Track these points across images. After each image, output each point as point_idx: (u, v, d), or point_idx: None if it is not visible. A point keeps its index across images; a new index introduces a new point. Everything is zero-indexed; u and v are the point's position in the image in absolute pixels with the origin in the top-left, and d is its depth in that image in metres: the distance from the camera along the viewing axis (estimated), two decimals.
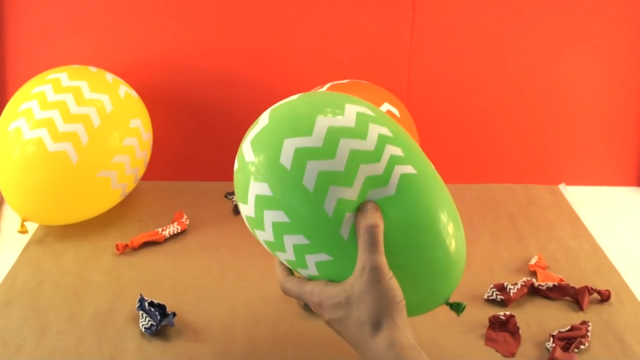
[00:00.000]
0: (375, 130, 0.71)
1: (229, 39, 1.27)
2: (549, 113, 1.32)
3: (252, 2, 1.25)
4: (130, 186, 1.18)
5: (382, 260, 0.68)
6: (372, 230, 0.68)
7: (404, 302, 0.69)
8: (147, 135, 1.19)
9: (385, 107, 1.09)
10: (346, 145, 0.70)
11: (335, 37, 1.27)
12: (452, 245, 0.73)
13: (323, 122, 0.70)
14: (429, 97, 1.31)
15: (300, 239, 0.71)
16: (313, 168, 0.69)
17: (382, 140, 0.71)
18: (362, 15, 1.26)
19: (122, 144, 1.12)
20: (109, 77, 1.17)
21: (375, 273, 0.67)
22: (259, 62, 1.28)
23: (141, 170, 1.20)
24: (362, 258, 0.68)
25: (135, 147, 1.15)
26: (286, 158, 0.70)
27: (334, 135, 0.70)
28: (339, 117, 0.71)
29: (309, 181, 0.69)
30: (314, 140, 0.70)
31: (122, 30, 1.26)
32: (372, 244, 0.68)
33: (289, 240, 0.72)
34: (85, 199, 1.12)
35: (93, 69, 1.17)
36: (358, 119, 0.71)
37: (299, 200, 0.70)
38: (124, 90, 1.17)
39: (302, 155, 0.69)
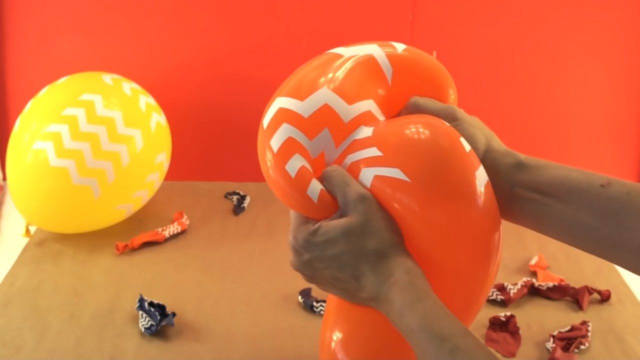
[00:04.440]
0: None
1: (231, 41, 1.27)
2: (549, 113, 1.32)
3: (252, 4, 1.25)
4: (139, 208, 1.17)
5: (366, 190, 0.64)
6: (335, 170, 0.64)
7: (402, 236, 0.64)
8: (167, 165, 1.18)
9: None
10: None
11: (336, 37, 1.27)
12: None
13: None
14: None
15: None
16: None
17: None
18: (362, 15, 1.26)
19: (145, 181, 1.12)
20: (143, 102, 1.12)
21: (370, 202, 0.63)
22: (259, 63, 1.28)
23: (153, 195, 1.19)
24: (345, 194, 0.63)
25: (156, 181, 1.15)
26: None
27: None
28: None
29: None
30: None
31: (126, 32, 1.26)
32: (346, 179, 0.64)
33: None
34: (96, 223, 1.13)
35: (127, 90, 1.12)
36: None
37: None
38: (156, 120, 1.13)
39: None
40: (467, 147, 0.63)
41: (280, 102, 0.66)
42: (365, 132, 0.66)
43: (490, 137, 0.69)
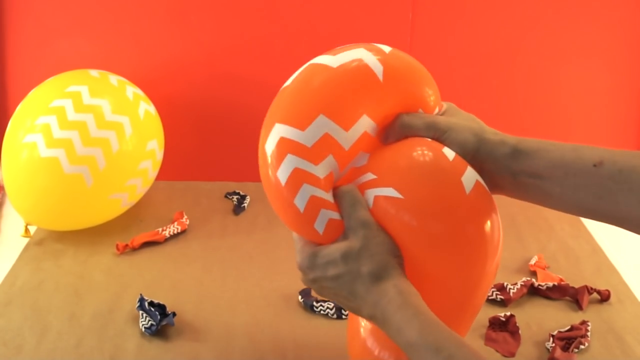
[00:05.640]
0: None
1: (229, 40, 1.27)
2: (549, 113, 1.32)
3: (252, 4, 1.25)
4: (136, 200, 1.17)
5: (370, 216, 0.68)
6: (350, 191, 0.68)
7: (402, 259, 0.68)
8: (160, 154, 1.18)
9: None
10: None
11: (335, 37, 1.27)
12: None
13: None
14: None
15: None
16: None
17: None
18: (362, 16, 1.26)
19: (138, 168, 1.12)
20: (130, 92, 1.13)
21: (370, 229, 0.67)
22: (259, 62, 1.28)
23: (149, 186, 1.19)
24: (350, 218, 0.68)
25: (149, 169, 1.15)
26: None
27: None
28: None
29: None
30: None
31: (126, 33, 1.26)
32: (355, 203, 0.68)
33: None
34: (93, 216, 1.12)
35: (114, 81, 1.13)
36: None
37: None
38: (144, 108, 1.13)
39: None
40: (451, 155, 0.68)
41: (280, 131, 0.67)
42: (362, 160, 0.70)
43: (481, 131, 0.72)
